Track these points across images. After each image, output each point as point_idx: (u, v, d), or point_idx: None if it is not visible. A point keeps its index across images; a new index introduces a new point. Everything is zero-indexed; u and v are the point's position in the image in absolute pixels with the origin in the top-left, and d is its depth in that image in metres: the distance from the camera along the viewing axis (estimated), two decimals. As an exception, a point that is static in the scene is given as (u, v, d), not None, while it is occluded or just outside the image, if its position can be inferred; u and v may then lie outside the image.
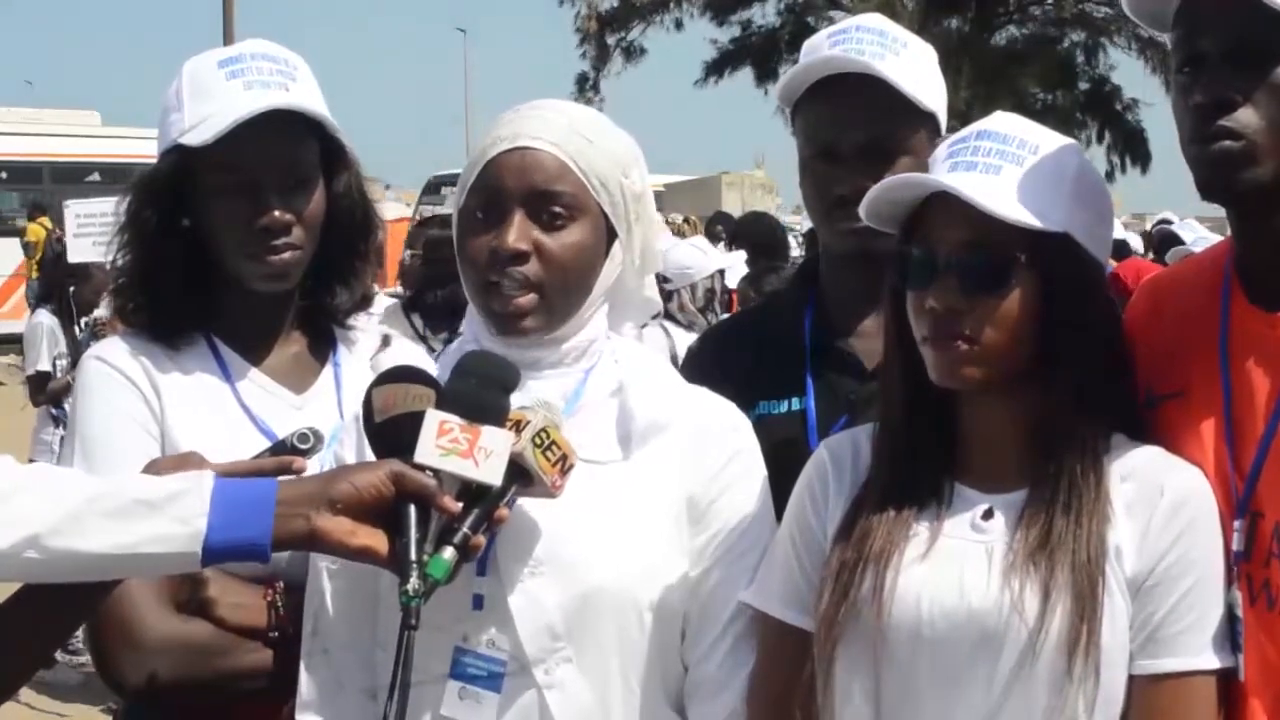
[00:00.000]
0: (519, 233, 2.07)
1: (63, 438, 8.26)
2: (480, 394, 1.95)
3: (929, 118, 2.54)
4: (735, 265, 7.69)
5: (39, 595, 1.96)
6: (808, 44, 2.64)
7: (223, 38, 23.95)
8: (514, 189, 2.08)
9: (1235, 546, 1.96)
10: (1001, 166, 1.99)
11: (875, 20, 2.59)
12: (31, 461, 7.77)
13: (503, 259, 2.06)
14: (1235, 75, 1.92)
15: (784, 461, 2.22)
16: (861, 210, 2.08)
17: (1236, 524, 1.96)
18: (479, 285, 2.11)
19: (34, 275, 15.67)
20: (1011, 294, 1.96)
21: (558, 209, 2.08)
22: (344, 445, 2.19)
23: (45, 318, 8.85)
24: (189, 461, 2.06)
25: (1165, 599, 1.93)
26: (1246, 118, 1.92)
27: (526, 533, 2.04)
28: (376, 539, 1.88)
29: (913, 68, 2.53)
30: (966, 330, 1.96)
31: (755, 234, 8.62)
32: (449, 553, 1.86)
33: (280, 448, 2.13)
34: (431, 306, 6.27)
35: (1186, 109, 1.97)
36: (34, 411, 8.76)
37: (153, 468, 2.10)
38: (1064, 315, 1.97)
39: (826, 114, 2.51)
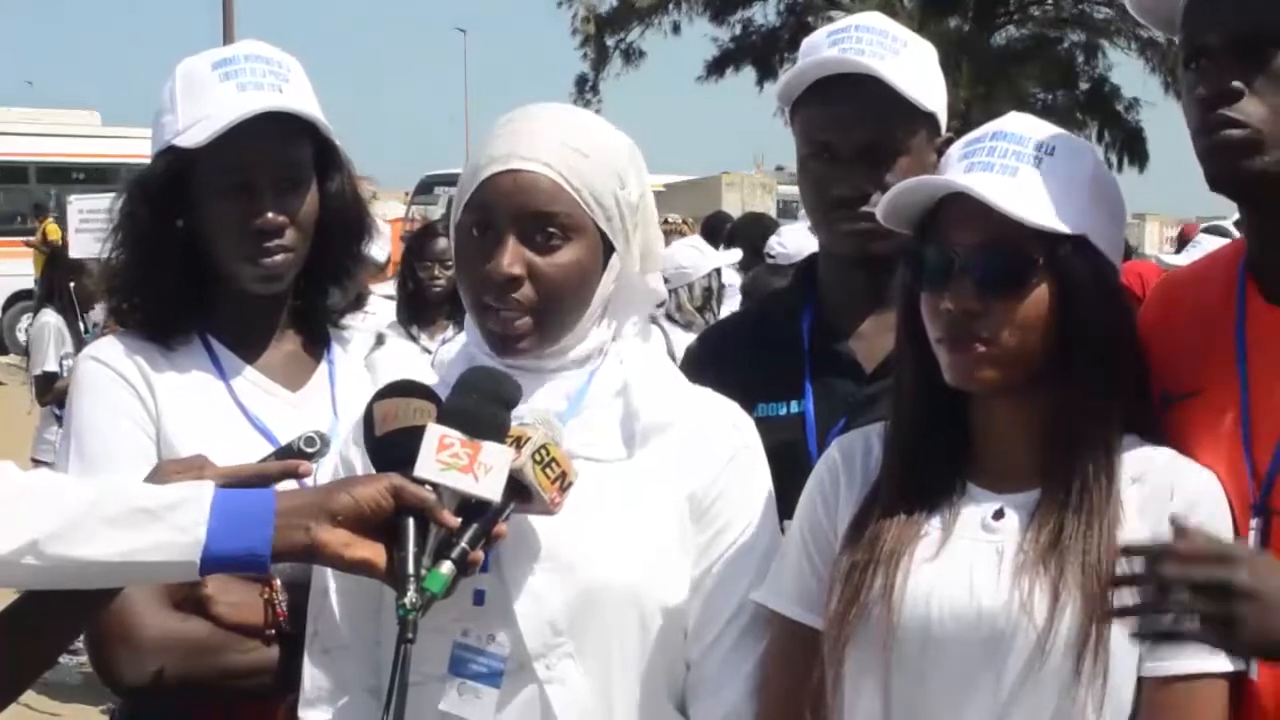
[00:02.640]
0: (512, 257, 2.05)
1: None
2: (481, 409, 1.95)
3: (928, 118, 2.52)
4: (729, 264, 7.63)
5: (43, 599, 1.96)
6: (806, 43, 2.62)
7: (222, 37, 23.94)
8: (506, 212, 2.06)
9: (1252, 546, 1.93)
10: (1018, 168, 1.97)
11: (875, 20, 2.57)
12: (35, 461, 7.80)
13: (496, 284, 2.05)
14: (1237, 65, 1.91)
15: (782, 464, 2.21)
16: (878, 211, 2.06)
17: (1253, 523, 1.95)
18: (475, 305, 2.11)
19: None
20: (1028, 296, 1.94)
21: (552, 230, 2.06)
22: (348, 446, 2.18)
23: (51, 317, 8.84)
24: (194, 464, 2.07)
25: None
26: (1249, 107, 1.91)
27: (529, 529, 2.03)
28: (375, 552, 1.88)
29: (912, 68, 2.51)
30: (984, 332, 1.94)
31: (754, 235, 8.56)
32: (446, 567, 1.86)
33: (286, 451, 2.14)
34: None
35: (1192, 102, 1.96)
36: (36, 413, 8.76)
37: (158, 470, 2.11)
38: (1079, 317, 1.95)
39: (825, 115, 2.49)
